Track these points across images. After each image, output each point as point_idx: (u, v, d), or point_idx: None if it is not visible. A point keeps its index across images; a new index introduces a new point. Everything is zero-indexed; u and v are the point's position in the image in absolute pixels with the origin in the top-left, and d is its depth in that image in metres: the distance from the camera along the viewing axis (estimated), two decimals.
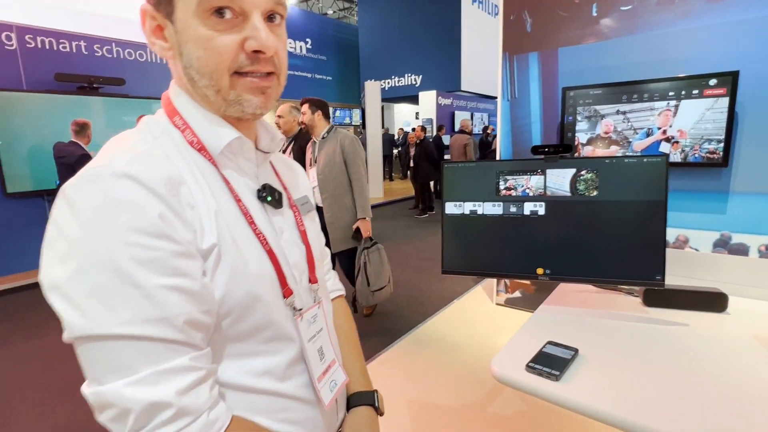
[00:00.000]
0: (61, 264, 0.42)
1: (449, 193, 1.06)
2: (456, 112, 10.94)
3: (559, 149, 0.99)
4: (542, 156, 1.00)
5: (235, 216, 0.54)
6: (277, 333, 0.56)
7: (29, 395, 2.32)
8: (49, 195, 4.35)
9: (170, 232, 0.44)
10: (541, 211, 1.01)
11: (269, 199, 0.59)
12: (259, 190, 0.59)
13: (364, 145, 9.75)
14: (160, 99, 0.59)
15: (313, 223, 0.71)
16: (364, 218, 2.70)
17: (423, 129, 7.34)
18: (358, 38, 12.58)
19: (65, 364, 2.61)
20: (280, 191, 0.62)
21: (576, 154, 2.60)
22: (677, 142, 2.37)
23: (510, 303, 3.16)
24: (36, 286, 3.67)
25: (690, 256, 1.31)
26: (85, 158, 3.40)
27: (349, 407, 0.72)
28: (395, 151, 12.45)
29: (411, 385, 2.31)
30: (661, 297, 1.08)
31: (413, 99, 11.04)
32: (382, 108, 10.61)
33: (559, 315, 1.09)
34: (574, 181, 0.98)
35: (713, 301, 1.06)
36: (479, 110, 11.97)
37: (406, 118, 15.55)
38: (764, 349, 0.91)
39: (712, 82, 2.18)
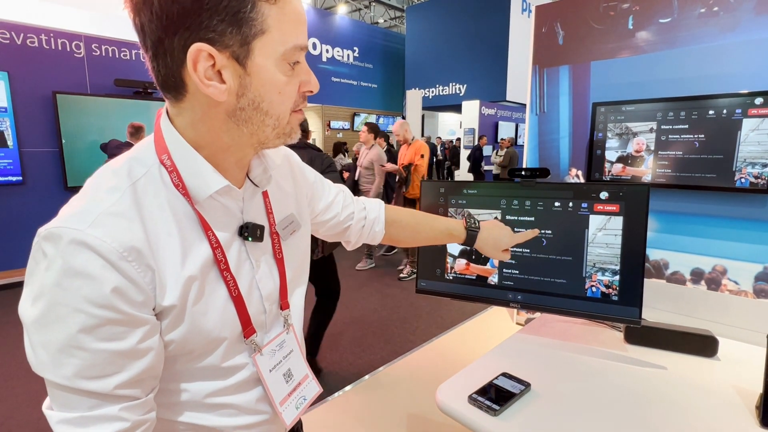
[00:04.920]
0: (31, 305, 0.47)
1: (426, 211, 1.06)
2: (500, 122, 10.72)
3: (536, 173, 0.95)
4: (518, 179, 0.97)
5: (207, 264, 0.56)
6: (228, 367, 0.60)
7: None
8: None
9: (118, 303, 0.48)
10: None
11: (249, 239, 0.61)
12: (241, 228, 0.61)
13: None
14: None
15: (295, 242, 0.71)
16: None
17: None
18: (405, 47, 12.68)
19: None
20: (263, 225, 0.64)
21: (604, 175, 2.48)
22: None
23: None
24: None
25: (690, 293, 1.20)
26: None
27: (469, 238, 0.89)
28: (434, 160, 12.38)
29: (414, 398, 2.28)
30: (644, 335, 1.00)
31: (458, 108, 10.94)
32: (423, 117, 10.59)
33: (530, 345, 1.04)
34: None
35: (701, 345, 0.96)
36: (524, 121, 11.67)
37: (450, 127, 15.44)
38: (741, 402, 0.82)
39: (758, 101, 2.01)
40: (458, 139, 11.66)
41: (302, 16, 0.53)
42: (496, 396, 0.81)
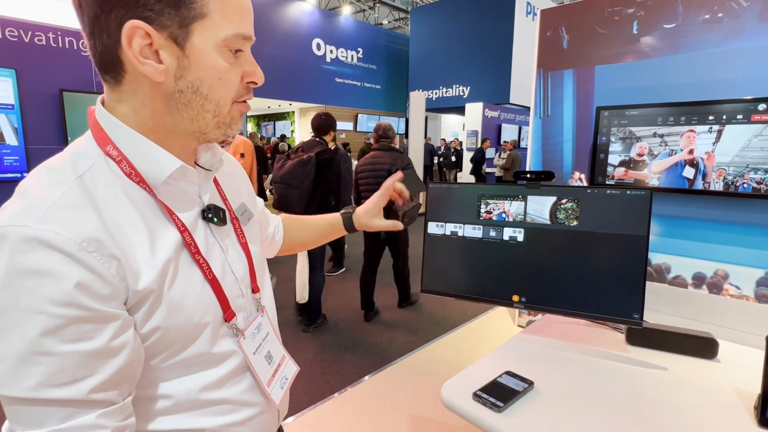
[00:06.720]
0: None
1: (432, 213, 1.07)
2: (503, 125, 10.73)
3: (541, 176, 0.97)
4: (523, 182, 0.99)
5: (178, 248, 0.54)
6: (218, 354, 0.59)
7: None
8: None
9: (83, 299, 0.44)
10: (520, 237, 0.99)
11: (215, 220, 0.60)
12: (203, 211, 0.60)
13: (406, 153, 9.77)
14: None
15: (252, 230, 0.72)
16: None
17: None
18: (409, 48, 12.71)
19: None
20: (224, 208, 0.63)
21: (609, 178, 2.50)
22: (723, 169, 2.21)
23: None
24: None
25: (691, 296, 1.22)
26: None
27: (346, 222, 0.94)
28: (435, 161, 12.42)
29: (415, 399, 2.30)
30: (645, 336, 1.02)
31: (461, 110, 10.95)
32: (426, 118, 10.60)
33: (533, 345, 1.06)
34: (554, 210, 0.96)
35: (702, 347, 0.98)
36: (528, 124, 11.66)
37: (454, 128, 15.46)
38: (740, 402, 0.84)
39: (762, 106, 2.02)
40: (455, 141, 11.67)
41: (245, 7, 0.54)
42: (499, 393, 0.83)
